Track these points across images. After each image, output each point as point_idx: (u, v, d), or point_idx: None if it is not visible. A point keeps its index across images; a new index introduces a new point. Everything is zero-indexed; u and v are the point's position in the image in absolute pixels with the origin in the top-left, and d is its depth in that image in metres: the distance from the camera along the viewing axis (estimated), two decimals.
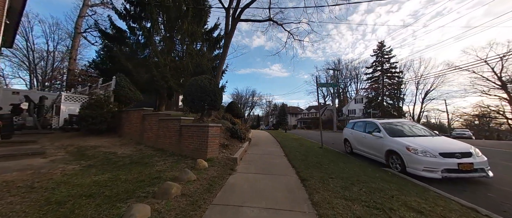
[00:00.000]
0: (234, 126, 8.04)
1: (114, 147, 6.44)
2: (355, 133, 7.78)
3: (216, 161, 4.96)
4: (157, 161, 4.96)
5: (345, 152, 8.31)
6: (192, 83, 7.12)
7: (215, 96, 7.30)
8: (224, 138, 7.31)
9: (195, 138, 5.47)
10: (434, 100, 39.32)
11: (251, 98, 60.78)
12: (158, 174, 3.87)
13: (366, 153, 6.87)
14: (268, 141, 11.07)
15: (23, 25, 32.32)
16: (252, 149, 7.73)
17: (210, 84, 7.27)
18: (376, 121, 6.75)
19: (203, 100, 7.06)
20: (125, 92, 10.38)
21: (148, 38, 13.17)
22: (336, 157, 6.59)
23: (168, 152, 5.97)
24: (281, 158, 6.28)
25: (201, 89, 7.00)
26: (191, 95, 7.02)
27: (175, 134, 6.08)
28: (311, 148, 8.67)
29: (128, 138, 7.93)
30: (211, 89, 7.15)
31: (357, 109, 44.55)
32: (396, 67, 31.37)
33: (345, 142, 8.54)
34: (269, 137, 13.22)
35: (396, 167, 5.36)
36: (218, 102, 7.45)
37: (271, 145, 9.28)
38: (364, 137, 7.00)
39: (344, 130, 8.92)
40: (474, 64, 30.26)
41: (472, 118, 36.65)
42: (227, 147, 6.39)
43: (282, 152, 7.42)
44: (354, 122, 8.28)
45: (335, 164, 5.42)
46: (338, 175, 4.30)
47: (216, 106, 7.42)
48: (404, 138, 5.62)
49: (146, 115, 7.37)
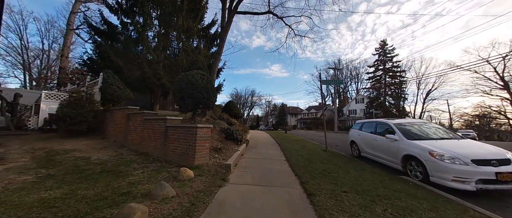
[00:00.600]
0: (230, 127, 7.26)
1: (91, 151, 5.65)
2: (363, 134, 7.01)
3: (205, 169, 4.18)
4: (135, 169, 4.17)
5: (352, 156, 7.55)
6: (181, 79, 6.35)
7: (208, 93, 6.52)
8: (218, 140, 6.54)
9: (181, 142, 4.69)
10: (435, 100, 38.78)
11: (250, 98, 60.02)
12: (128, 188, 3.08)
13: (377, 157, 6.10)
14: (267, 142, 10.30)
15: (17, 23, 31.50)
16: (250, 153, 6.95)
17: (203, 80, 6.50)
18: (389, 122, 5.98)
19: (195, 98, 6.28)
20: (113, 89, 9.59)
21: (140, 33, 12.37)
22: (344, 162, 5.82)
23: (151, 157, 5.18)
24: (282, 164, 5.51)
25: (192, 85, 6.23)
26: (181, 92, 6.24)
27: (160, 136, 5.30)
28: (314, 151, 7.90)
29: (111, 140, 7.14)
30: (203, 86, 6.38)
31: (358, 109, 43.81)
32: (399, 66, 30.63)
33: (352, 145, 7.77)
34: (269, 139, 12.45)
35: (415, 175, 4.60)
36: (211, 100, 6.67)
37: (271, 148, 8.50)
38: (375, 140, 6.23)
39: (350, 131, 8.15)
40: (476, 63, 29.61)
41: (472, 118, 36.02)
42: (221, 151, 5.61)
43: (282, 156, 6.65)
44: (362, 123, 7.52)
45: (345, 172, 4.65)
46: (351, 187, 3.53)
47: (210, 105, 6.64)
48: (424, 141, 4.86)
49: (130, 115, 6.58)
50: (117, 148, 6.13)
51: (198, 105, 6.39)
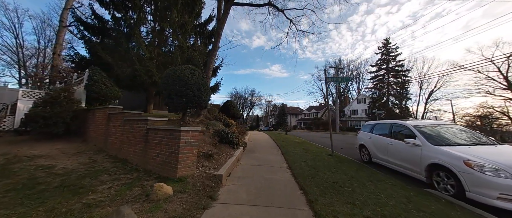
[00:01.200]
0: (225, 129, 6.47)
1: (61, 158, 4.85)
2: (375, 138, 6.22)
3: (190, 183, 3.38)
4: (103, 182, 3.38)
5: (361, 161, 6.76)
6: (168, 74, 5.56)
7: (200, 91, 5.72)
8: (211, 144, 5.74)
9: (163, 147, 3.90)
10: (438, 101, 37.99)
11: (250, 98, 59.23)
12: (79, 215, 2.28)
13: (392, 164, 5.31)
14: (267, 145, 9.50)
15: (12, 21, 30.77)
16: (247, 158, 6.16)
17: (193, 75, 5.70)
18: (407, 123, 5.18)
19: (184, 96, 5.48)
20: (99, 87, 8.79)
21: (132, 27, 11.58)
22: (355, 171, 5.02)
23: (129, 165, 4.39)
24: (284, 172, 4.71)
25: (181, 81, 5.43)
26: (167, 89, 5.45)
27: (141, 140, 4.50)
28: (318, 155, 7.10)
29: (91, 144, 6.34)
30: (194, 82, 5.58)
31: (360, 109, 43.02)
32: (403, 65, 29.80)
33: (361, 149, 6.98)
34: (268, 141, 11.65)
35: (445, 188, 3.82)
36: (203, 99, 5.87)
37: (271, 151, 7.70)
38: (390, 144, 5.43)
39: (359, 133, 7.35)
40: (479, 63, 28.85)
41: (474, 119, 35.24)
42: (212, 157, 4.81)
43: (284, 162, 5.85)
44: (372, 124, 6.72)
45: (361, 185, 3.85)
46: (375, 210, 2.73)
47: (201, 104, 5.85)
48: (455, 147, 4.06)
49: (111, 115, 5.78)
50: (94, 154, 5.33)
51: (188, 104, 5.59)
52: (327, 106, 8.25)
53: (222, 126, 8.43)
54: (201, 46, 16.19)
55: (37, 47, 32.66)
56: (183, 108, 5.68)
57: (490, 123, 35.05)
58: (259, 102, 62.56)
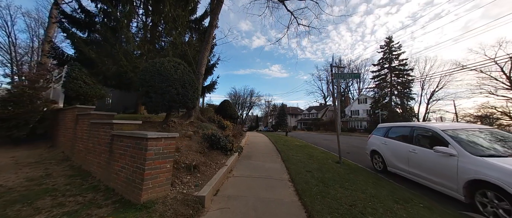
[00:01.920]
0: (216, 133, 5.54)
1: (8, 170, 3.91)
2: (392, 144, 5.31)
3: (157, 212, 2.46)
4: (37, 210, 2.45)
5: (374, 170, 5.87)
6: (146, 68, 4.64)
7: (185, 88, 4.80)
8: (198, 151, 4.81)
9: (127, 160, 2.97)
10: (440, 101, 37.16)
11: (249, 98, 58.27)
12: None
13: (416, 176, 4.40)
14: (265, 150, 8.58)
15: (4, 18, 29.82)
16: (242, 167, 5.24)
17: (177, 70, 4.78)
18: (435, 127, 4.27)
19: (165, 94, 4.56)
20: (77, 85, 7.86)
21: (119, 20, 10.65)
22: (373, 186, 4.11)
23: (89, 182, 3.46)
24: (285, 188, 3.80)
25: (161, 76, 4.51)
26: (145, 86, 4.52)
27: (105, 149, 3.57)
28: (325, 162, 6.18)
29: (59, 151, 5.41)
30: (177, 78, 4.66)
31: (361, 109, 42.16)
32: (406, 64, 28.86)
33: (373, 155, 6.08)
34: (267, 144, 10.72)
35: (494, 213, 2.93)
36: (189, 97, 4.95)
37: (270, 158, 6.78)
38: (412, 152, 4.53)
39: (370, 137, 6.45)
40: (482, 63, 28.14)
41: (474, 119, 34.53)
42: (197, 170, 3.88)
43: (285, 172, 4.94)
44: (387, 127, 5.81)
45: (388, 210, 2.93)
46: None
47: (187, 103, 4.93)
48: (507, 159, 3.16)
49: (79, 116, 4.84)
50: (55, 164, 4.39)
51: (171, 104, 4.66)
52: (334, 106, 7.26)
53: (214, 129, 7.51)
54: (196, 43, 15.28)
55: (31, 46, 31.72)
56: (165, 108, 4.75)
57: (491, 123, 34.27)
58: (258, 102, 61.68)
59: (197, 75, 8.44)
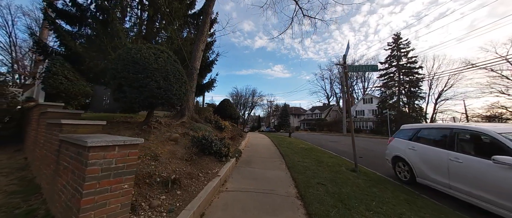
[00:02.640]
0: (208, 136, 4.62)
1: None
2: (423, 149, 4.32)
3: None
4: None
5: (397, 179, 4.89)
6: (119, 56, 3.75)
7: (168, 80, 3.90)
8: (183, 158, 3.89)
9: (69, 176, 2.08)
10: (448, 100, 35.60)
11: (251, 98, 57.28)
12: None
13: (462, 193, 3.41)
14: (267, 153, 7.63)
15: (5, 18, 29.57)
16: (239, 176, 4.31)
17: (158, 58, 3.88)
18: (490, 130, 3.28)
19: (143, 87, 3.66)
20: (57, 81, 7.03)
21: (108, 12, 9.83)
22: (410, 206, 3.14)
23: (29, 203, 2.59)
24: (294, 211, 2.86)
25: (136, 66, 3.61)
26: (117, 77, 3.63)
27: (54, 158, 2.69)
28: (338, 170, 5.21)
29: (21, 157, 4.58)
30: (158, 68, 3.76)
31: (366, 109, 40.86)
32: (415, 62, 27.50)
33: (396, 162, 5.09)
34: (270, 146, 9.77)
35: None
36: (174, 92, 4.04)
37: (272, 164, 5.84)
38: (455, 161, 3.54)
39: (392, 141, 5.46)
40: (492, 61, 26.75)
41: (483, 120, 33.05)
42: (178, 185, 2.96)
43: (291, 184, 4.00)
44: (416, 129, 4.80)
45: None
46: None
47: (171, 99, 4.02)
48: None
49: (41, 115, 3.97)
50: (4, 174, 3.53)
51: (151, 100, 3.75)
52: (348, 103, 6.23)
53: (210, 130, 6.60)
54: (194, 38, 14.43)
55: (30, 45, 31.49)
56: (144, 106, 3.84)
57: None
58: (260, 102, 60.58)
59: (190, 69, 7.55)
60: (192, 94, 7.41)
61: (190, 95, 7.34)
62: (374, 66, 5.61)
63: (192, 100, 7.41)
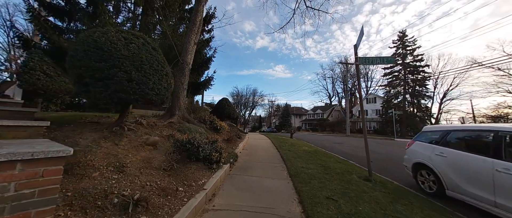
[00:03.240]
0: (194, 139, 3.86)
1: None
2: (455, 156, 3.54)
3: None
4: None
5: (420, 191, 4.11)
6: (80, 40, 3.00)
7: (142, 71, 3.16)
8: (161, 167, 3.15)
9: None
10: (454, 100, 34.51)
11: (251, 97, 56.49)
12: None
13: None
14: (267, 157, 6.88)
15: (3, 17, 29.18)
16: (231, 188, 3.56)
17: (130, 44, 3.14)
18: None
19: (108, 79, 2.92)
20: (34, 77, 6.36)
21: (96, 4, 9.16)
22: None
23: None
24: None
25: (101, 53, 2.88)
26: (76, 67, 2.89)
27: None
28: (349, 179, 4.44)
29: None
30: (129, 55, 3.03)
31: (370, 109, 39.93)
32: (422, 60, 26.50)
33: (418, 171, 4.31)
34: (270, 149, 9.01)
35: None
36: (150, 86, 3.30)
37: (272, 170, 5.08)
38: (506, 173, 2.75)
39: (412, 145, 4.67)
40: (499, 60, 25.75)
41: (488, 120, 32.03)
42: (144, 205, 2.22)
43: (295, 201, 3.24)
44: (444, 131, 4.01)
45: None
46: None
47: (147, 95, 3.28)
48: None
49: None
50: None
51: (120, 96, 3.01)
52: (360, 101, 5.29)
53: (202, 132, 5.87)
54: None
55: None
56: (111, 103, 3.09)
57: None
58: (261, 102, 59.75)
59: (181, 64, 6.82)
60: (184, 92, 6.68)
61: (181, 93, 6.62)
62: (389, 58, 4.85)
63: (183, 98, 6.69)
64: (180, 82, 6.60)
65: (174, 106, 6.46)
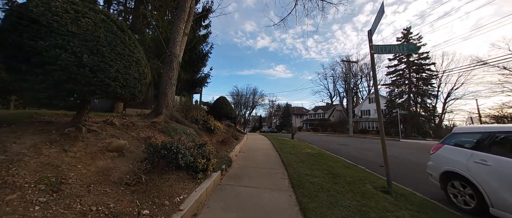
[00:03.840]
0: (171, 144, 3.09)
1: None
2: (507, 164, 2.75)
3: None
4: None
5: (452, 205, 3.33)
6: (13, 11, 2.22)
7: (100, 55, 2.39)
8: (122, 183, 2.39)
9: None
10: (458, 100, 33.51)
11: (251, 97, 55.66)
12: None
13: None
14: (266, 162, 6.10)
15: None
16: (216, 208, 2.79)
17: (82, 18, 2.37)
18: None
19: (49, 64, 2.16)
20: None
21: None
22: None
23: None
24: None
25: (37, 27, 2.11)
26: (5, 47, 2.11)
27: None
28: (363, 191, 3.67)
29: None
30: (77, 32, 2.26)
31: (372, 109, 39.00)
32: (428, 58, 25.56)
33: (449, 180, 3.54)
34: (269, 151, 8.24)
35: None
36: (109, 74, 2.53)
37: (271, 179, 4.31)
38: None
39: (439, 149, 3.89)
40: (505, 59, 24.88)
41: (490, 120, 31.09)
42: None
43: None
44: (485, 133, 3.23)
45: None
46: None
47: (109, 86, 2.51)
48: None
49: None
50: None
51: (70, 87, 2.26)
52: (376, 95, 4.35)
53: (190, 133, 5.11)
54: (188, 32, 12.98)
55: None
56: (58, 96, 2.33)
57: None
58: (262, 102, 58.86)
59: (169, 56, 6.06)
60: (172, 88, 5.92)
61: (169, 89, 5.86)
62: (411, 45, 4.05)
63: (171, 94, 5.93)
64: (167, 77, 5.85)
65: (160, 104, 5.71)
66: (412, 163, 7.36)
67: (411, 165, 6.95)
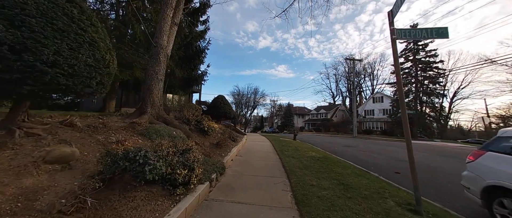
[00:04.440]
0: (139, 150, 2.37)
1: None
2: None
3: None
4: None
5: None
6: None
7: (28, 29, 1.67)
8: (55, 211, 1.67)
9: None
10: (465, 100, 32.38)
11: (253, 97, 54.84)
12: None
13: None
14: (265, 168, 5.37)
15: None
16: None
17: None
18: None
19: None
20: None
21: None
22: None
23: None
24: None
25: None
26: None
27: None
28: (385, 209, 2.92)
29: None
30: None
31: (377, 109, 38.04)
32: (436, 55, 24.56)
33: (496, 196, 2.77)
34: (270, 155, 7.51)
35: None
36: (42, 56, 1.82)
37: (270, 191, 3.57)
38: None
39: (480, 157, 3.13)
40: None
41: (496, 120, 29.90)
42: None
43: None
44: None
45: None
46: None
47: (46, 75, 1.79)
48: None
49: None
50: None
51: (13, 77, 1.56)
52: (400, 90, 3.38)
53: (177, 136, 4.40)
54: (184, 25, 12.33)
55: None
56: None
57: None
58: (263, 102, 58.00)
59: (154, 48, 5.35)
60: (159, 84, 5.23)
61: (155, 85, 5.16)
62: (442, 29, 3.30)
63: (158, 91, 5.23)
64: (153, 71, 5.16)
65: (145, 102, 5.02)
66: (430, 168, 6.58)
67: (429, 171, 6.16)
